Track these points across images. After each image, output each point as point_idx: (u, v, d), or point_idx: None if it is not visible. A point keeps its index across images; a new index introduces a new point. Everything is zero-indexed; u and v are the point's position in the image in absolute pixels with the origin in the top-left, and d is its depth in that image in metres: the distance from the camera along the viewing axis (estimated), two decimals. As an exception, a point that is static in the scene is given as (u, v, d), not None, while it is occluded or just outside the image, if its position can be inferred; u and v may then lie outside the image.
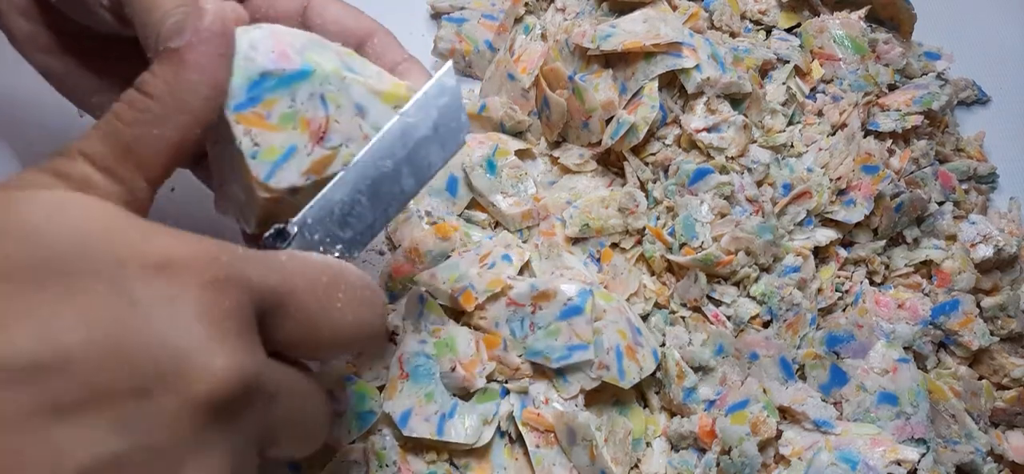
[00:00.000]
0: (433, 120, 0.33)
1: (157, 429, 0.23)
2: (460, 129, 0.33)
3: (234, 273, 0.25)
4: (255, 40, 0.30)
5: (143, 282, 0.23)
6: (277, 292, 0.26)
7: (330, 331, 0.28)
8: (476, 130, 0.52)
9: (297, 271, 0.27)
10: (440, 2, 0.56)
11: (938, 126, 0.52)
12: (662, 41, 0.46)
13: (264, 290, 0.26)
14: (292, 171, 0.30)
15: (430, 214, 0.49)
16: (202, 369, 0.23)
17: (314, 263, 0.28)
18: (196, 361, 0.23)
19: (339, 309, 0.28)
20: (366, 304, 0.29)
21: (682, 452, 0.43)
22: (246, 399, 0.25)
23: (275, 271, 0.26)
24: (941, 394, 0.44)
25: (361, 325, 0.29)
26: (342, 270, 0.29)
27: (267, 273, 0.26)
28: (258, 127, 0.30)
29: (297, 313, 0.27)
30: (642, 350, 0.42)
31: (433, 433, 0.41)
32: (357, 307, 0.29)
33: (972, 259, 0.47)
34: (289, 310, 0.27)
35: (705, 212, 0.45)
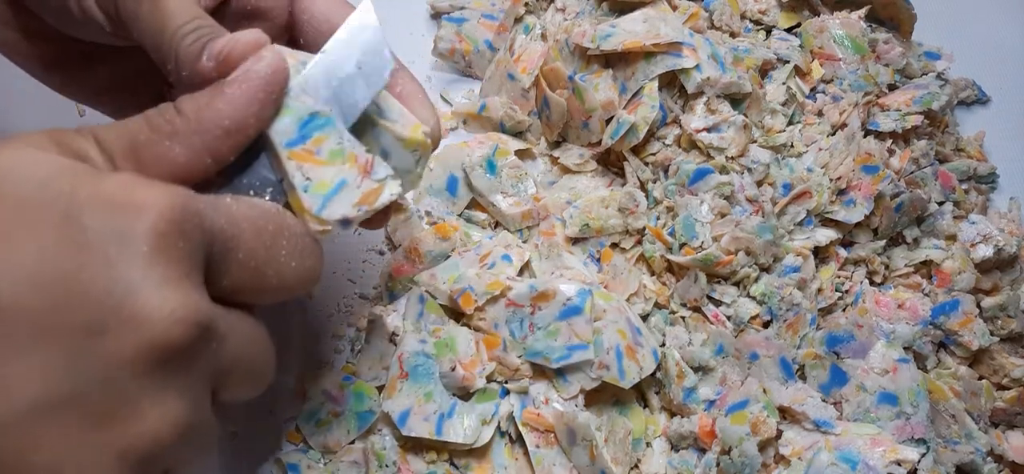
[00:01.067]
0: (355, 58, 0.32)
1: (111, 367, 0.23)
2: (384, 64, 0.33)
3: (186, 213, 0.25)
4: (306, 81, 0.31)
5: (96, 216, 0.23)
6: (226, 235, 0.26)
7: (276, 277, 0.28)
8: (476, 130, 0.53)
9: (243, 215, 0.27)
10: (440, 2, 0.56)
11: (938, 126, 0.52)
12: (662, 41, 0.46)
13: (215, 232, 0.26)
14: (344, 203, 0.31)
15: (430, 214, 0.49)
16: (159, 311, 0.23)
17: (260, 208, 0.28)
18: (153, 303, 0.23)
19: (284, 256, 0.28)
20: (307, 250, 0.30)
21: (682, 452, 0.43)
22: (200, 342, 0.25)
23: (225, 215, 0.27)
24: (941, 394, 0.44)
25: (303, 271, 0.29)
26: (285, 218, 0.29)
27: (216, 214, 0.26)
28: (309, 163, 0.31)
29: (244, 258, 0.27)
30: (642, 350, 0.42)
31: (432, 433, 0.41)
32: (299, 254, 0.29)
33: (972, 259, 0.47)
34: (237, 255, 0.27)
35: (705, 212, 0.45)
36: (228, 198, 0.28)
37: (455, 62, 0.55)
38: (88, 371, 0.23)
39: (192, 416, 0.25)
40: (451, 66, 0.55)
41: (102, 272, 0.23)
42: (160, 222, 0.24)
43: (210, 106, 0.28)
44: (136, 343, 0.23)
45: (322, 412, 0.43)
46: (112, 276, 0.23)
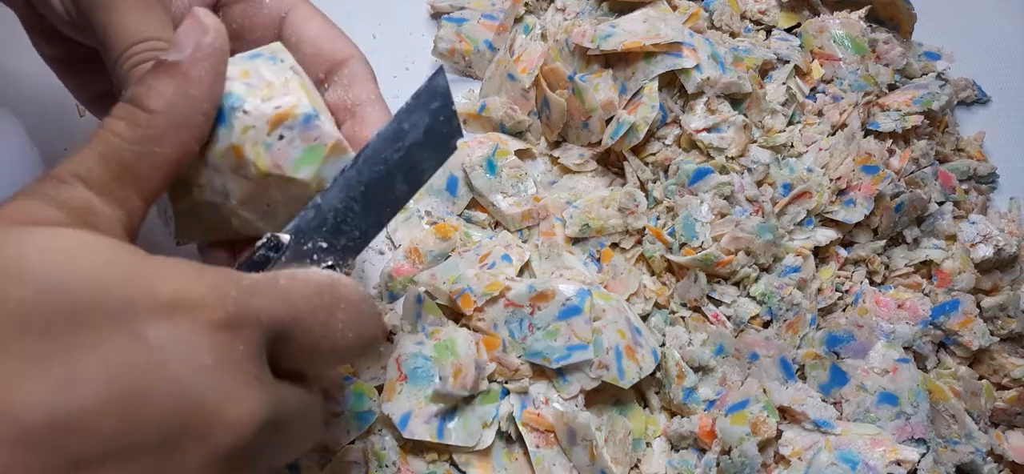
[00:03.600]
0: (425, 125, 0.32)
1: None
2: (452, 134, 0.33)
3: (244, 310, 0.24)
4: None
5: (156, 327, 0.23)
6: (284, 321, 0.26)
7: (332, 349, 0.28)
8: (476, 130, 0.53)
9: (299, 295, 0.27)
10: (440, 2, 0.56)
11: (938, 126, 0.52)
12: (662, 41, 0.46)
13: (273, 321, 0.26)
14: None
15: (430, 214, 0.49)
16: (227, 419, 0.23)
17: (314, 285, 0.27)
18: (220, 411, 0.23)
19: (341, 328, 0.28)
20: (365, 318, 0.29)
21: (682, 452, 0.43)
22: (266, 437, 0.25)
23: (280, 300, 0.26)
24: (941, 394, 0.44)
25: (362, 341, 0.29)
26: (340, 288, 0.28)
27: (273, 304, 0.26)
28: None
29: (302, 337, 0.27)
30: (641, 350, 0.42)
31: (433, 436, 0.41)
32: (357, 323, 0.29)
33: (972, 259, 0.47)
34: (294, 336, 0.27)
35: (705, 212, 0.45)
36: (283, 278, 0.27)
37: (455, 62, 0.55)
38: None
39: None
40: (451, 66, 0.55)
41: (169, 387, 0.23)
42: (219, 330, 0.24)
43: (184, 96, 0.27)
44: (207, 455, 0.23)
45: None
46: (180, 391, 0.23)
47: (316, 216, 0.30)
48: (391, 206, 0.32)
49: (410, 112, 0.32)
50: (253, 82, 0.30)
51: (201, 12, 0.28)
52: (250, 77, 0.30)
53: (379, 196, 0.31)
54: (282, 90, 0.30)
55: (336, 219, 0.31)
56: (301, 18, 0.35)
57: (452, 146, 0.33)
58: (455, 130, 0.33)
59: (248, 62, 0.31)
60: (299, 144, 0.30)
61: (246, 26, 0.35)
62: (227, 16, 0.36)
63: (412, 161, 0.32)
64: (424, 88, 0.32)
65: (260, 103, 0.30)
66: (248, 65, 0.31)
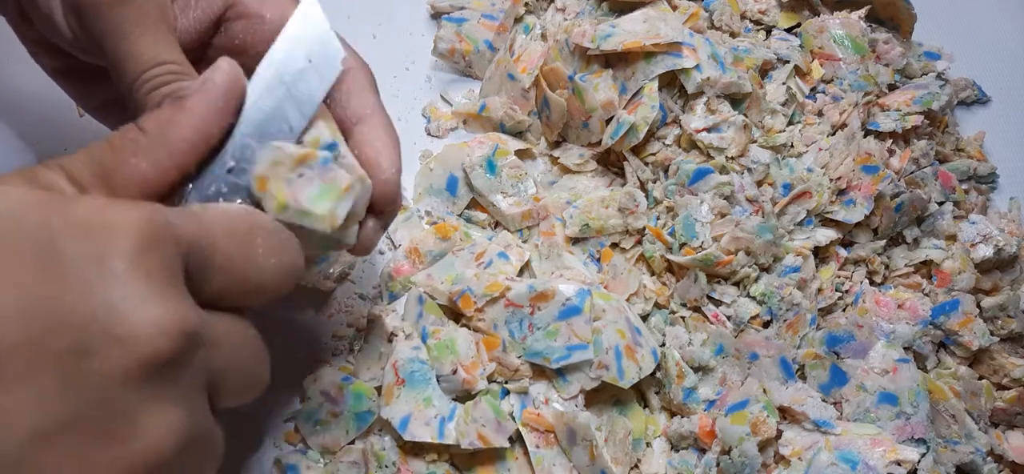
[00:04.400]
0: (305, 51, 0.32)
1: (105, 387, 0.23)
2: (334, 54, 0.33)
3: (160, 225, 0.25)
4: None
5: (71, 242, 0.23)
6: (200, 243, 0.27)
7: (256, 276, 0.28)
8: (476, 130, 0.53)
9: (214, 220, 0.28)
10: (440, 2, 0.56)
11: (938, 126, 0.52)
12: (662, 41, 0.46)
13: (189, 241, 0.26)
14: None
15: (430, 214, 0.49)
16: (143, 324, 0.23)
17: (229, 211, 0.29)
18: (136, 317, 0.23)
19: (261, 254, 0.29)
20: (284, 246, 0.30)
21: (682, 452, 0.43)
22: (189, 349, 0.25)
23: (194, 222, 0.27)
24: (941, 394, 0.44)
25: (283, 267, 0.29)
26: (256, 217, 0.29)
27: (188, 224, 0.26)
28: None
29: (222, 262, 0.27)
30: (641, 350, 0.42)
31: (434, 437, 0.41)
32: (277, 250, 0.29)
33: (972, 259, 0.47)
34: (214, 260, 0.27)
35: (705, 212, 0.45)
36: (196, 206, 0.28)
37: (455, 62, 0.55)
38: (81, 394, 0.23)
39: (191, 424, 0.25)
40: (451, 66, 0.55)
41: (83, 296, 0.23)
42: (132, 238, 0.24)
43: (173, 122, 0.29)
44: (124, 359, 0.23)
45: (321, 412, 0.43)
46: (93, 298, 0.23)
47: (215, 160, 0.31)
48: (287, 137, 0.32)
49: (287, 41, 0.32)
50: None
51: (223, 60, 0.30)
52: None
53: (273, 129, 0.32)
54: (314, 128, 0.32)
55: (235, 158, 0.31)
56: None
57: (337, 67, 0.33)
58: (336, 50, 0.33)
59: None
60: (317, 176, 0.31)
61: (248, 42, 0.36)
62: (229, 32, 0.36)
63: (299, 89, 0.32)
64: (298, 13, 0.33)
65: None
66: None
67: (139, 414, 0.24)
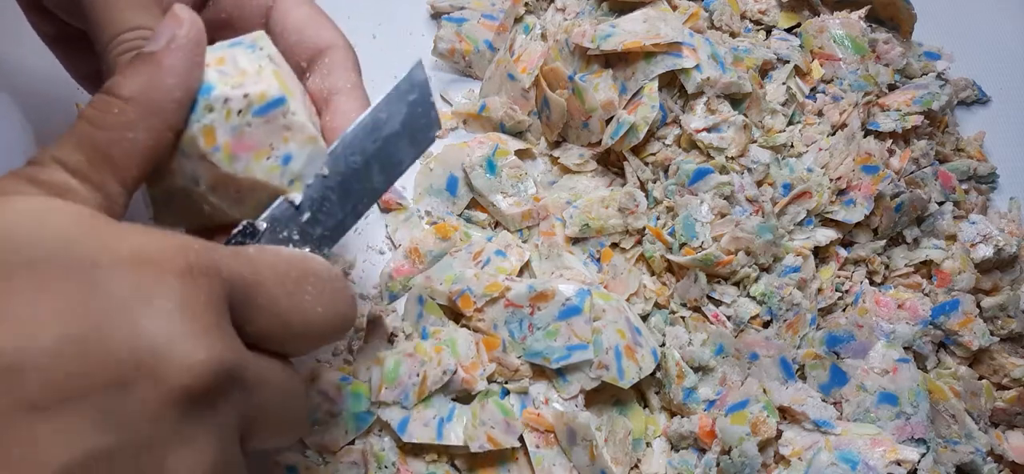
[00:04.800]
0: (403, 116, 0.32)
1: (139, 421, 0.23)
2: (430, 126, 0.33)
3: (205, 264, 0.25)
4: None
5: (117, 277, 0.23)
6: (247, 282, 0.26)
7: (301, 323, 0.28)
8: (476, 130, 0.52)
9: (265, 263, 0.28)
10: (440, 2, 0.56)
11: (938, 126, 0.52)
12: (662, 41, 0.46)
13: (234, 280, 0.26)
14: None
15: (430, 214, 0.49)
16: (180, 360, 0.23)
17: (282, 256, 0.28)
18: (174, 352, 0.23)
19: (309, 301, 0.28)
20: (336, 296, 0.30)
21: (682, 452, 0.43)
22: (225, 388, 0.25)
23: (244, 263, 0.27)
24: (941, 394, 0.44)
25: (332, 317, 0.29)
26: (310, 263, 0.29)
27: (236, 264, 0.26)
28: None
29: (267, 304, 0.27)
30: (641, 350, 0.42)
31: (433, 438, 0.41)
32: (327, 299, 0.29)
33: (972, 259, 0.47)
34: (259, 302, 0.27)
35: (705, 212, 0.45)
36: (251, 248, 0.28)
37: (455, 62, 0.55)
38: (117, 428, 0.23)
39: (220, 463, 0.25)
40: (451, 66, 0.55)
41: (125, 331, 0.23)
42: (177, 277, 0.24)
43: (158, 84, 0.28)
44: (161, 394, 0.23)
45: (319, 413, 0.43)
46: (136, 334, 0.23)
47: (292, 205, 0.31)
48: (368, 197, 0.32)
49: (389, 103, 0.32)
50: (227, 69, 0.30)
51: (178, 7, 0.29)
52: (225, 64, 0.30)
53: (356, 186, 0.32)
54: (255, 78, 0.30)
55: (312, 208, 0.31)
56: (287, 6, 0.35)
57: (430, 137, 0.33)
58: (433, 122, 0.33)
59: (226, 50, 0.31)
60: (264, 132, 0.30)
61: (235, 16, 0.36)
62: (217, 5, 0.36)
63: (389, 152, 0.32)
64: (403, 80, 0.32)
65: (229, 90, 0.30)
66: (225, 53, 0.31)
67: (170, 450, 0.24)
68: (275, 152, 0.30)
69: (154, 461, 0.23)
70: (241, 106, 0.30)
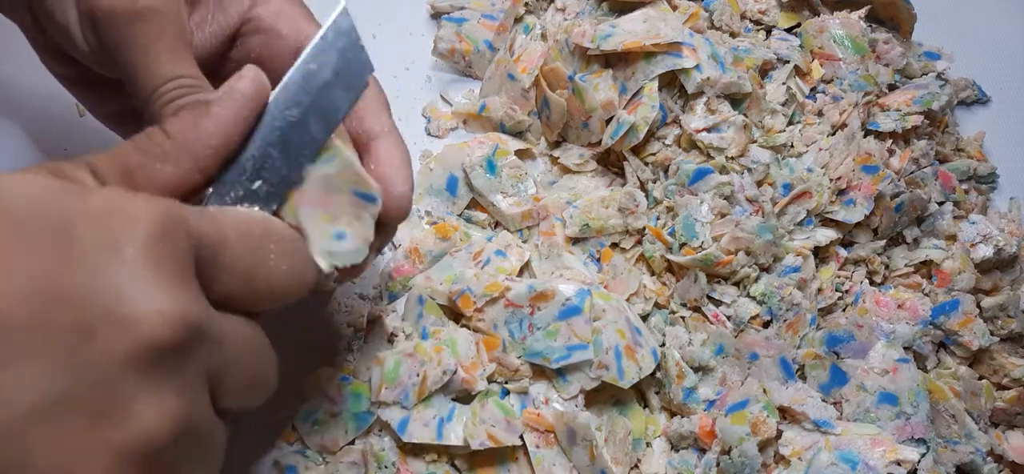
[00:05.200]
0: (333, 64, 0.33)
1: (104, 368, 0.23)
2: (362, 69, 0.33)
3: (174, 219, 0.25)
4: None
5: (85, 228, 0.24)
6: (212, 241, 0.27)
7: (265, 281, 0.29)
8: (476, 130, 0.53)
9: (228, 223, 0.28)
10: (440, 2, 0.56)
11: (938, 126, 0.52)
12: (662, 41, 0.46)
13: (201, 238, 0.27)
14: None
15: (430, 214, 0.49)
16: (147, 310, 0.24)
17: (244, 215, 0.29)
18: (141, 303, 0.24)
19: (273, 260, 0.29)
20: (297, 255, 0.30)
21: (682, 452, 0.43)
22: (191, 341, 0.25)
23: (209, 222, 0.27)
24: (941, 394, 0.44)
25: (294, 275, 0.30)
26: (271, 223, 0.30)
27: (202, 223, 0.27)
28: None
29: (232, 263, 0.28)
30: (641, 350, 0.42)
31: (433, 438, 0.41)
32: (289, 258, 0.30)
33: (972, 259, 0.47)
34: (225, 260, 0.28)
35: (705, 212, 0.45)
36: (214, 209, 0.29)
37: (455, 62, 0.55)
38: (82, 373, 0.23)
39: (189, 415, 0.25)
40: (451, 66, 0.55)
41: (91, 278, 0.24)
42: (146, 228, 0.25)
43: (198, 127, 0.29)
44: (127, 342, 0.24)
45: (320, 412, 0.43)
46: (101, 281, 0.24)
47: (235, 165, 0.31)
48: (308, 148, 0.33)
49: (317, 53, 0.32)
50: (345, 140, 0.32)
51: (248, 68, 0.31)
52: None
53: (295, 139, 0.32)
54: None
55: (255, 166, 0.31)
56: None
57: (364, 82, 0.34)
58: (365, 64, 0.33)
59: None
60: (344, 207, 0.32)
61: (264, 56, 0.37)
62: (245, 46, 0.37)
63: (324, 101, 0.32)
64: (329, 28, 0.33)
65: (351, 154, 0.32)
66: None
67: (136, 398, 0.24)
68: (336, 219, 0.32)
69: (119, 407, 0.24)
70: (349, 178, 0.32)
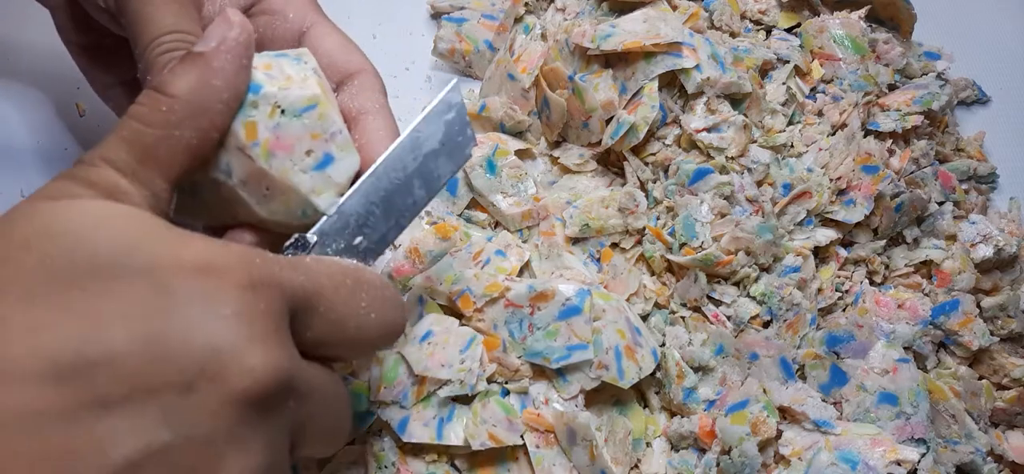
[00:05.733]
0: (441, 134, 0.34)
1: (199, 422, 0.24)
2: (466, 142, 0.35)
3: (268, 274, 0.26)
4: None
5: (182, 283, 0.24)
6: (306, 292, 0.28)
7: (356, 330, 0.29)
8: (476, 130, 0.52)
9: (323, 273, 0.29)
10: (440, 2, 0.56)
11: (938, 126, 0.52)
12: (662, 41, 0.46)
13: (295, 290, 0.27)
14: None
15: (430, 214, 0.49)
16: (242, 365, 0.24)
17: (338, 265, 0.30)
18: (236, 358, 0.24)
19: (364, 309, 0.30)
20: (388, 304, 0.31)
21: (682, 452, 0.43)
22: (282, 395, 0.26)
23: (304, 273, 0.28)
24: (941, 394, 0.44)
25: (385, 324, 0.31)
26: (363, 272, 0.30)
27: (297, 275, 0.27)
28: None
29: (326, 313, 0.28)
30: (641, 350, 0.42)
31: (433, 438, 0.41)
32: (380, 307, 0.30)
33: (972, 259, 0.47)
34: (318, 310, 0.28)
35: (705, 212, 0.45)
36: (308, 259, 0.30)
37: (455, 62, 0.55)
38: (178, 426, 0.24)
39: (271, 465, 0.26)
40: (451, 66, 0.55)
41: (190, 335, 0.24)
42: (241, 287, 0.25)
43: (206, 84, 0.29)
44: (222, 396, 0.24)
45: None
46: (200, 338, 0.24)
47: (339, 219, 0.33)
48: (409, 211, 0.34)
49: (427, 122, 0.34)
50: (274, 73, 0.32)
51: (230, 11, 0.30)
52: (272, 69, 0.32)
53: (398, 201, 0.34)
54: (300, 83, 0.32)
55: (358, 223, 0.33)
56: (320, 33, 0.38)
57: (467, 154, 0.36)
58: (469, 139, 0.36)
59: (273, 58, 0.33)
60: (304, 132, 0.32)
61: (267, 38, 0.37)
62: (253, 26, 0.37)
63: (429, 168, 0.34)
64: (440, 101, 0.35)
65: (275, 89, 0.31)
66: (272, 61, 0.33)
67: (226, 452, 0.25)
68: (313, 154, 0.32)
69: (210, 461, 0.24)
70: (285, 105, 0.31)
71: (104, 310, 0.23)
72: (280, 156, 0.31)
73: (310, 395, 0.28)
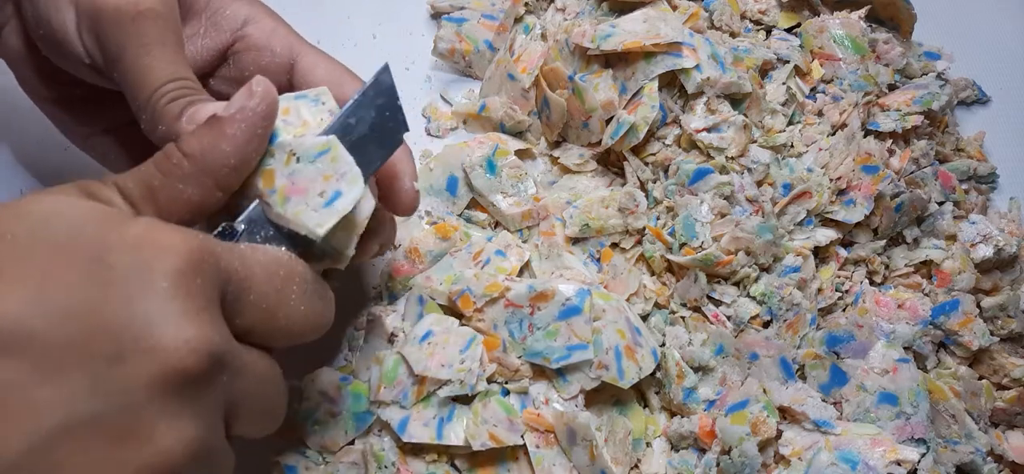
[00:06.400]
0: (371, 120, 0.34)
1: (130, 392, 0.25)
2: (398, 128, 0.35)
3: (205, 253, 0.27)
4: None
5: (121, 257, 0.25)
6: (239, 277, 0.28)
7: (285, 320, 0.30)
8: (476, 130, 0.53)
9: (257, 260, 0.29)
10: (440, 2, 0.56)
11: (938, 126, 0.52)
12: (662, 41, 0.46)
13: (229, 273, 0.28)
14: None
15: (430, 214, 0.49)
16: (174, 339, 0.25)
17: (271, 255, 0.30)
18: (169, 332, 0.25)
19: (294, 300, 0.30)
20: (318, 297, 0.31)
21: (682, 452, 0.43)
22: (214, 369, 0.26)
23: (238, 258, 0.29)
24: (941, 394, 0.44)
25: (313, 316, 0.31)
26: (296, 264, 0.31)
27: (231, 258, 0.28)
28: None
29: (256, 299, 0.29)
30: (641, 350, 0.42)
31: (433, 438, 0.41)
32: (309, 300, 0.31)
33: (972, 259, 0.47)
34: (249, 296, 0.29)
35: (705, 212, 0.45)
36: (243, 245, 0.30)
37: (455, 62, 0.55)
38: (109, 396, 0.24)
39: (205, 440, 0.26)
40: (451, 66, 0.55)
41: (124, 306, 0.25)
42: (179, 261, 0.26)
43: (216, 147, 0.30)
44: (153, 369, 0.25)
45: (319, 412, 0.43)
46: (133, 309, 0.25)
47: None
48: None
49: (357, 108, 0.33)
50: (291, 119, 0.33)
51: (256, 80, 0.31)
52: (289, 114, 0.33)
53: None
54: (315, 128, 0.33)
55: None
56: (309, 64, 0.38)
57: (399, 139, 0.35)
58: (400, 124, 0.35)
59: (292, 101, 0.33)
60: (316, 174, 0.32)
61: (253, 69, 0.38)
62: (237, 64, 0.38)
63: (359, 154, 0.33)
64: (370, 85, 0.34)
65: (291, 138, 0.32)
66: (291, 104, 0.33)
67: (157, 422, 0.25)
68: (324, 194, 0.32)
69: (142, 431, 0.25)
70: (300, 153, 0.31)
71: (49, 282, 0.24)
72: (295, 200, 0.31)
73: (243, 372, 0.28)
